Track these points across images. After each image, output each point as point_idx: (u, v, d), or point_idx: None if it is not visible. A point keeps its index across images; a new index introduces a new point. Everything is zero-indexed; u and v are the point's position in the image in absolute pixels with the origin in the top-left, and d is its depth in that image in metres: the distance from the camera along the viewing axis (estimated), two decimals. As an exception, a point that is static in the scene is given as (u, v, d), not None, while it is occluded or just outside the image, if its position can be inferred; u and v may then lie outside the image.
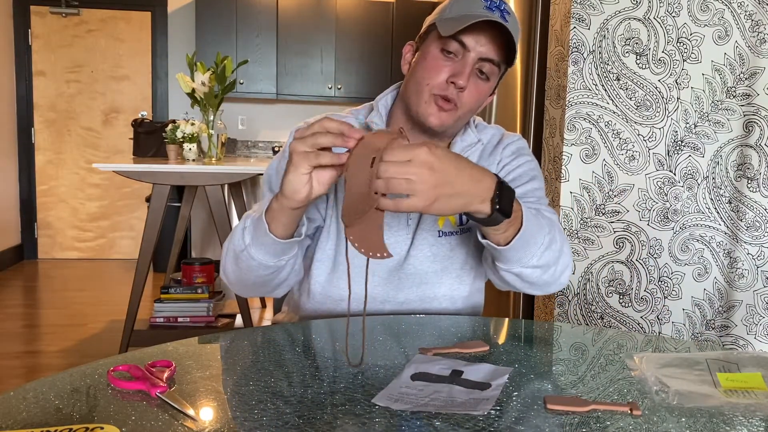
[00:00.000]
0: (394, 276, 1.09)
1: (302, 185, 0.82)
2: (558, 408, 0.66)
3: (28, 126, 5.09)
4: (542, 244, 0.92)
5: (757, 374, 0.76)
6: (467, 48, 0.99)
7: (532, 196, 1.08)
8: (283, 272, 0.98)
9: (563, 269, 0.97)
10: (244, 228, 0.94)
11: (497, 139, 1.15)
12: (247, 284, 1.01)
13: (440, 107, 1.01)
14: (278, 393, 0.68)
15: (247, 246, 0.93)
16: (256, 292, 1.05)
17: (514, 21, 1.00)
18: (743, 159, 1.95)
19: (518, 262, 0.92)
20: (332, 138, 0.79)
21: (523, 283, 0.96)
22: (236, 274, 1.00)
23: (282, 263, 0.95)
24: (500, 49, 1.00)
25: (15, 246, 5.03)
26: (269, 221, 0.89)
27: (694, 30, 1.92)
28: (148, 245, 2.80)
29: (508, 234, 0.88)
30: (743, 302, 1.98)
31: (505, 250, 0.90)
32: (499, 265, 0.94)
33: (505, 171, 1.11)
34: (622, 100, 1.94)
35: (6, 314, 3.66)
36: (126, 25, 5.16)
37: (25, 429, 0.58)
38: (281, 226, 0.89)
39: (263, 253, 0.93)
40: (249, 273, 0.97)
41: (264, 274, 0.97)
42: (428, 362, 0.79)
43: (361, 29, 5.02)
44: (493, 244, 0.90)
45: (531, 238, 0.90)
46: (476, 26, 0.97)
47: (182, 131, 3.06)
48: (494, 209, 0.82)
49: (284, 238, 0.90)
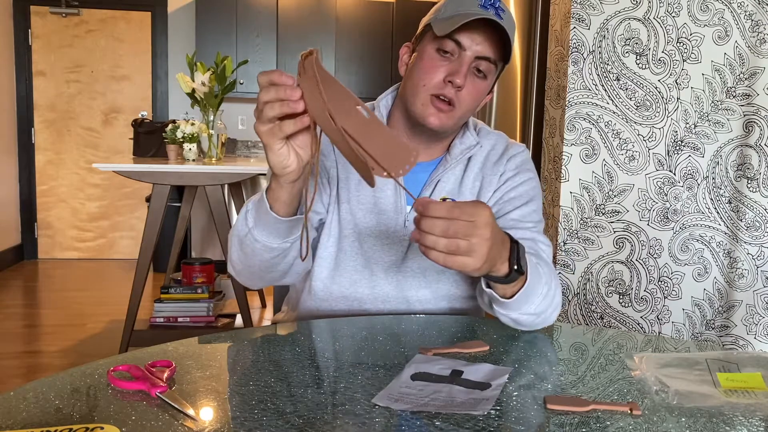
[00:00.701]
0: (393, 276, 1.09)
1: (285, 159, 0.81)
2: (558, 408, 0.66)
3: (28, 126, 5.09)
4: (541, 294, 0.93)
5: (757, 374, 0.76)
6: (463, 47, 0.99)
7: (529, 221, 1.09)
8: (288, 256, 0.97)
9: (553, 311, 0.98)
10: (246, 211, 0.94)
11: (502, 147, 1.14)
12: (253, 270, 1.00)
13: (439, 108, 1.01)
14: (278, 393, 0.68)
15: (250, 229, 0.93)
16: (264, 279, 1.04)
17: (509, 18, 1.00)
18: (743, 159, 1.95)
19: (517, 310, 0.93)
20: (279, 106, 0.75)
21: (516, 324, 0.97)
22: (242, 261, 0.99)
23: (287, 245, 0.94)
24: (496, 46, 1.00)
25: (15, 246, 5.03)
26: (271, 201, 0.89)
27: (694, 30, 1.92)
28: (148, 245, 2.80)
29: (515, 288, 0.89)
30: (743, 302, 1.98)
31: (508, 303, 0.91)
32: (497, 309, 0.95)
33: (506, 186, 1.11)
34: (622, 100, 1.94)
35: (6, 314, 3.66)
36: (126, 25, 5.16)
37: (25, 429, 0.58)
38: (282, 204, 0.88)
39: (266, 235, 0.92)
40: (254, 257, 0.96)
41: (269, 257, 0.95)
42: (428, 362, 0.79)
43: (361, 29, 5.02)
44: (497, 295, 0.91)
45: (532, 291, 0.91)
46: (471, 25, 0.97)
47: (182, 131, 3.06)
48: (512, 269, 0.84)
49: (286, 217, 0.90)
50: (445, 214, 0.74)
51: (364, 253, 1.08)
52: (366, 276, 1.09)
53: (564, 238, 1.98)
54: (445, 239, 0.74)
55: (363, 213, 1.08)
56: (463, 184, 1.11)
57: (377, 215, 1.08)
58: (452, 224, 0.74)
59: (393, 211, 1.08)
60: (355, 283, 1.09)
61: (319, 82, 0.70)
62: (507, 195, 1.11)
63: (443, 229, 0.74)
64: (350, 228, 1.08)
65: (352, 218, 1.08)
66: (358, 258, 1.09)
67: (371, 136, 0.72)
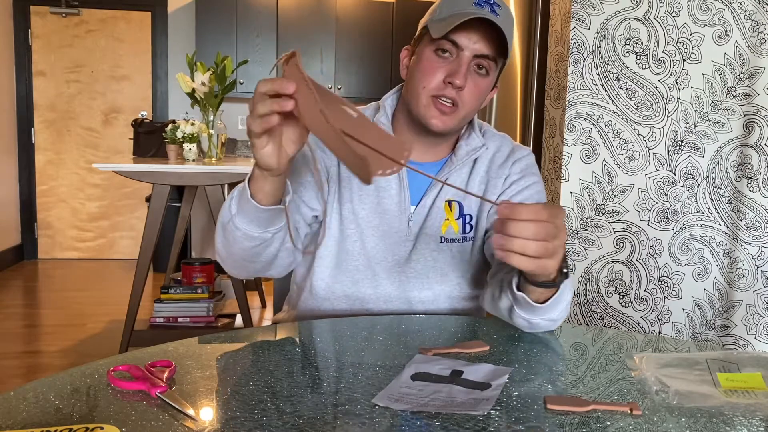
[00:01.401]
0: (395, 276, 1.09)
1: (272, 156, 0.80)
2: (558, 408, 0.66)
3: (28, 126, 5.09)
4: (566, 301, 0.92)
5: (757, 374, 0.76)
6: (460, 47, 0.99)
7: None
8: (271, 246, 0.95)
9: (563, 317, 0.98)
10: (231, 198, 0.92)
11: (507, 150, 1.14)
12: (236, 259, 0.99)
13: (441, 111, 1.00)
14: (278, 393, 0.68)
15: (233, 216, 0.91)
16: (248, 270, 1.02)
17: (506, 12, 0.99)
18: (743, 159, 1.95)
19: (543, 315, 0.91)
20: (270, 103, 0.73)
21: (530, 328, 0.95)
22: (225, 248, 0.98)
23: (268, 236, 0.92)
24: (494, 43, 0.99)
25: (15, 246, 5.03)
26: (253, 190, 0.87)
27: (694, 30, 1.92)
28: (148, 245, 2.80)
29: (549, 293, 0.88)
30: (743, 302, 1.98)
31: (539, 307, 0.89)
32: (520, 312, 0.92)
33: (512, 189, 1.11)
34: (622, 100, 1.94)
35: (6, 314, 3.66)
36: (126, 25, 5.16)
37: (25, 429, 0.58)
38: (264, 194, 0.87)
39: (247, 223, 0.90)
40: (235, 245, 0.95)
41: (249, 246, 0.94)
42: (428, 362, 0.79)
43: (361, 29, 5.02)
44: (529, 299, 0.88)
45: (562, 298, 0.90)
46: (467, 24, 0.96)
47: (182, 131, 3.06)
48: (560, 273, 0.84)
49: (267, 206, 0.88)
50: (533, 217, 0.72)
51: (367, 252, 1.08)
52: (368, 276, 1.08)
53: (564, 238, 1.98)
54: (535, 243, 0.73)
55: (366, 212, 1.08)
56: (469, 185, 1.11)
57: (381, 215, 1.08)
58: (541, 227, 0.72)
59: (397, 210, 1.08)
60: (357, 282, 1.09)
61: (309, 81, 0.70)
62: (513, 199, 1.11)
63: (534, 232, 0.72)
64: (353, 227, 1.08)
65: (355, 218, 1.08)
66: (361, 258, 1.08)
67: (364, 132, 0.72)
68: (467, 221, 1.10)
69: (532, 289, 0.87)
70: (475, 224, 1.11)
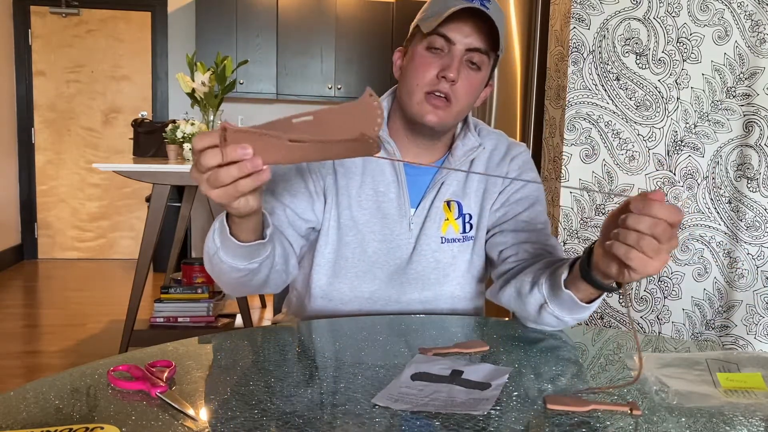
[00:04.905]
0: (396, 279, 1.09)
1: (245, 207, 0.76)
2: (558, 408, 0.66)
3: (28, 126, 5.09)
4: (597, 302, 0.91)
5: (757, 374, 0.76)
6: (452, 41, 0.98)
7: (539, 222, 1.09)
8: (260, 274, 0.93)
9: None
10: (213, 231, 0.88)
11: (504, 147, 1.14)
12: (227, 284, 0.97)
13: (435, 106, 1.00)
14: (278, 393, 0.68)
15: (217, 249, 0.88)
16: (242, 291, 1.00)
17: (496, 7, 0.99)
18: (743, 159, 1.95)
19: (577, 314, 0.91)
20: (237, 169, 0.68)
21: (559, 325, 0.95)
22: (215, 276, 0.96)
23: (254, 266, 0.89)
24: (486, 37, 0.99)
25: (15, 246, 5.03)
26: (232, 229, 0.84)
27: (694, 30, 1.92)
28: (148, 245, 2.80)
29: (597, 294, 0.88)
30: (743, 302, 1.98)
31: (585, 306, 0.88)
32: (553, 309, 0.91)
33: (511, 187, 1.11)
34: (622, 100, 1.94)
35: (6, 314, 3.66)
36: (126, 25, 5.16)
37: (25, 429, 0.58)
38: (243, 231, 0.84)
39: (232, 257, 0.87)
40: (223, 275, 0.93)
41: (237, 276, 0.92)
42: (428, 362, 0.79)
43: (361, 29, 5.02)
44: (577, 299, 0.87)
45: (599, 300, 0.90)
46: (458, 18, 0.96)
47: (182, 131, 3.06)
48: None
49: (248, 242, 0.85)
50: (666, 217, 0.68)
51: (368, 257, 1.08)
52: (368, 280, 1.08)
53: (564, 238, 1.98)
54: (657, 244, 0.69)
55: (367, 218, 1.07)
56: (467, 186, 1.10)
57: (381, 219, 1.08)
58: (665, 227, 0.69)
59: (397, 214, 1.08)
60: (356, 288, 1.08)
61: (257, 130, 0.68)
62: (513, 197, 1.11)
63: (662, 231, 0.69)
64: (352, 234, 1.07)
65: (355, 224, 1.07)
66: (360, 263, 1.08)
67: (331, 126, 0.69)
68: (467, 220, 1.10)
69: (583, 287, 0.86)
70: (476, 223, 1.11)
